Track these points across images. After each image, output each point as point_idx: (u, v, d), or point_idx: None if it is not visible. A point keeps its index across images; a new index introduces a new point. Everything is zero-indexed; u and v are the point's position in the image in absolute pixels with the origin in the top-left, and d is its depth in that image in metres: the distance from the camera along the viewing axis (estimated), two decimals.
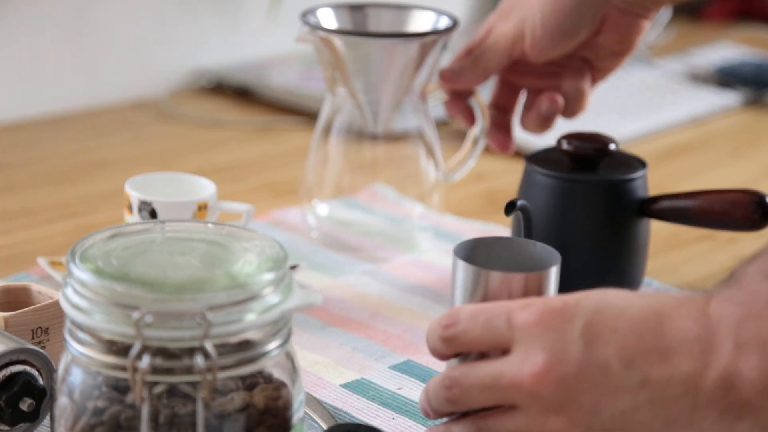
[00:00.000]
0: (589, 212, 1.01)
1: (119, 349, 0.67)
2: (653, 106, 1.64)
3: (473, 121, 1.11)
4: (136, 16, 1.59)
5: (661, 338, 0.68)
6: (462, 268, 0.78)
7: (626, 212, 1.01)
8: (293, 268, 1.06)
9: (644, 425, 0.68)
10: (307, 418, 0.83)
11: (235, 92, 1.62)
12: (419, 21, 1.12)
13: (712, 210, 1.00)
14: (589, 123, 1.38)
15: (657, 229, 1.08)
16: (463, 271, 0.78)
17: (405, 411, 0.87)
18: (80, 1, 1.53)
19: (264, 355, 0.69)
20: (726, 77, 1.75)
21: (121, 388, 0.68)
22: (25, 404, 0.78)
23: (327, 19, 1.10)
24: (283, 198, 1.28)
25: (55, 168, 1.35)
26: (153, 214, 0.98)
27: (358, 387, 0.90)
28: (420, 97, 1.12)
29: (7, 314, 0.84)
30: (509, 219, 1.11)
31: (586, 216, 1.01)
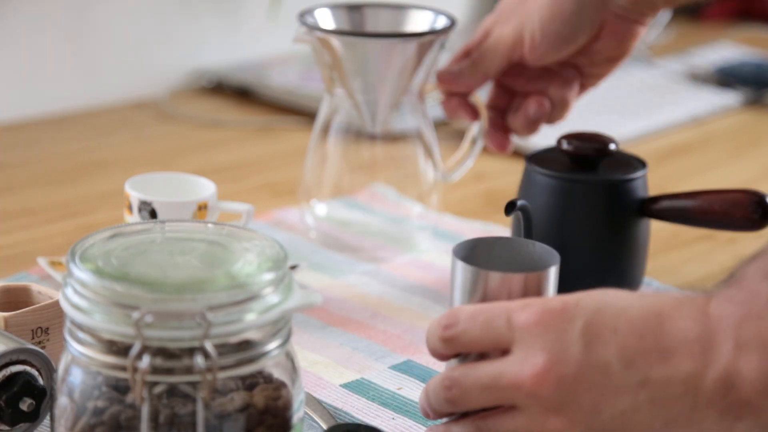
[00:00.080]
0: (589, 212, 1.01)
1: (119, 349, 0.67)
2: (653, 106, 1.64)
3: (473, 115, 1.11)
4: (136, 16, 1.59)
5: (661, 338, 0.68)
6: (461, 268, 0.78)
7: (626, 212, 1.01)
8: (293, 268, 1.06)
9: (644, 425, 0.68)
10: (307, 418, 0.83)
11: (235, 92, 1.62)
12: (417, 21, 1.11)
13: (712, 210, 1.00)
14: (589, 123, 1.38)
15: (657, 229, 1.08)
16: (462, 272, 0.78)
17: (405, 411, 0.87)
18: (80, 1, 1.53)
19: (264, 355, 0.69)
20: (726, 77, 1.75)
21: (121, 388, 0.68)
22: (25, 404, 0.78)
23: (324, 19, 1.10)
24: (282, 198, 1.28)
25: (55, 168, 1.35)
26: (153, 214, 0.98)
27: (358, 387, 0.90)
28: (418, 97, 1.12)
29: (7, 314, 0.84)
30: (509, 219, 1.11)
31: (586, 216, 1.01)
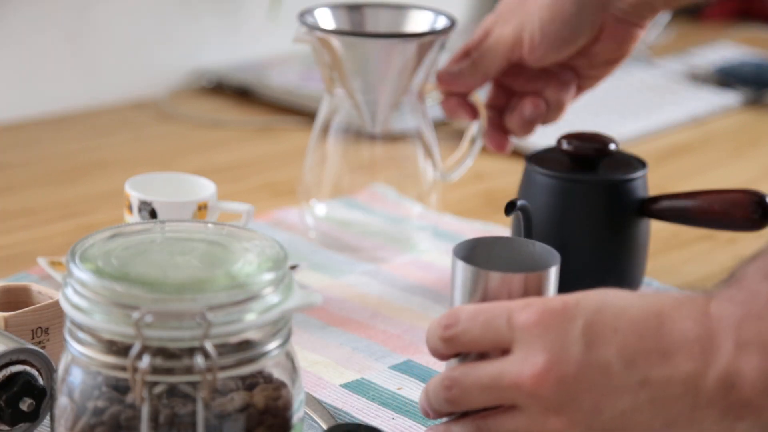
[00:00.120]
0: (589, 212, 1.01)
1: (119, 349, 0.67)
2: (653, 106, 1.64)
3: (472, 115, 1.11)
4: (136, 16, 1.59)
5: (661, 338, 0.68)
6: (461, 268, 0.78)
7: (626, 212, 1.01)
8: (293, 268, 1.06)
9: (645, 425, 0.68)
10: (307, 418, 0.83)
11: (235, 92, 1.62)
12: (417, 21, 1.11)
13: (712, 210, 1.00)
14: (589, 123, 1.38)
15: (657, 229, 1.08)
16: (462, 272, 0.78)
17: (405, 411, 0.87)
18: (80, 1, 1.53)
19: (264, 355, 0.69)
20: (726, 77, 1.75)
21: (121, 388, 0.68)
22: (25, 404, 0.78)
23: (324, 19, 1.10)
24: (282, 198, 1.28)
25: (55, 168, 1.35)
26: (153, 214, 0.98)
27: (358, 387, 0.90)
28: (418, 96, 1.12)
29: (7, 314, 0.84)
30: (509, 219, 1.11)
31: (586, 216, 1.01)
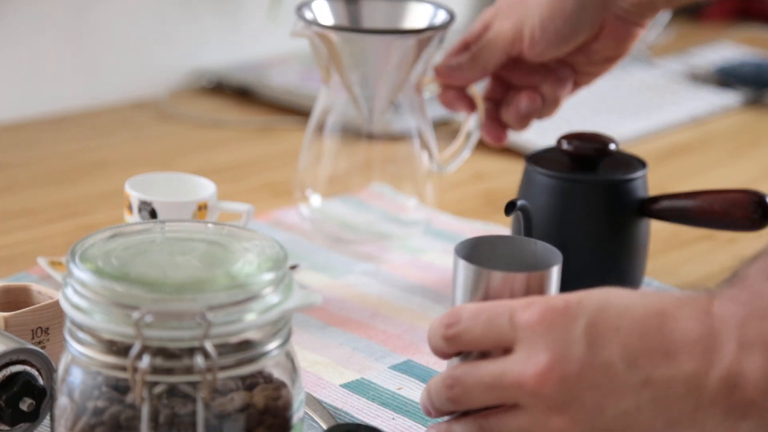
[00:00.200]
0: (589, 212, 1.01)
1: (119, 349, 0.67)
2: (653, 106, 1.64)
3: (470, 107, 1.10)
4: (136, 16, 1.59)
5: (664, 338, 0.68)
6: (463, 267, 0.78)
7: (626, 212, 1.01)
8: (293, 268, 1.06)
9: (647, 425, 0.68)
10: (307, 418, 0.83)
11: (235, 92, 1.61)
12: (415, 14, 1.11)
13: (712, 210, 1.00)
14: (589, 123, 1.38)
15: (657, 229, 1.08)
16: (464, 271, 0.78)
17: (405, 411, 0.87)
18: (80, 1, 1.53)
19: (264, 355, 0.69)
20: (726, 77, 1.75)
21: (121, 388, 0.68)
22: (25, 404, 0.78)
23: (322, 12, 1.09)
24: (282, 198, 1.27)
25: (55, 168, 1.35)
26: (153, 214, 0.98)
27: (358, 387, 0.90)
28: (415, 91, 1.11)
29: (7, 314, 0.84)
30: (509, 219, 1.11)
31: (586, 216, 1.01)
